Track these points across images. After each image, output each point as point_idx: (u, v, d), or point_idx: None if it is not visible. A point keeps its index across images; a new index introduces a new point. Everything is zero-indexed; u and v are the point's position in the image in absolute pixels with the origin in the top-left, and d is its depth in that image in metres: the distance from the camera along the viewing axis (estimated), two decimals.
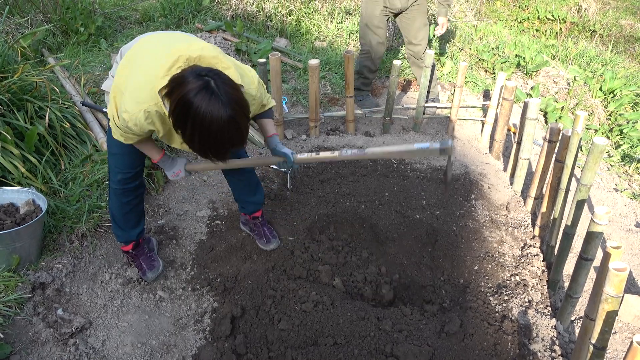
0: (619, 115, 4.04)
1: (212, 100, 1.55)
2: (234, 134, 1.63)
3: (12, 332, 2.04)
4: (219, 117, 1.56)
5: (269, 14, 5.18)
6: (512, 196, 3.10)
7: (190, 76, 1.59)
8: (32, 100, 2.84)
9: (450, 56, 4.74)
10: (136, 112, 1.73)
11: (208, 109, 1.55)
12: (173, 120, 1.64)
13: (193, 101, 1.55)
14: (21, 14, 4.59)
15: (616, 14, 7.54)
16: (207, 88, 1.56)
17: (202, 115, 1.56)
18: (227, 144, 1.64)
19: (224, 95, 1.58)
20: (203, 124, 1.57)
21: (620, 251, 1.82)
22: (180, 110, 1.59)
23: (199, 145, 1.65)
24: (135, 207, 2.28)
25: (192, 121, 1.58)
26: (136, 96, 1.73)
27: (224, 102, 1.57)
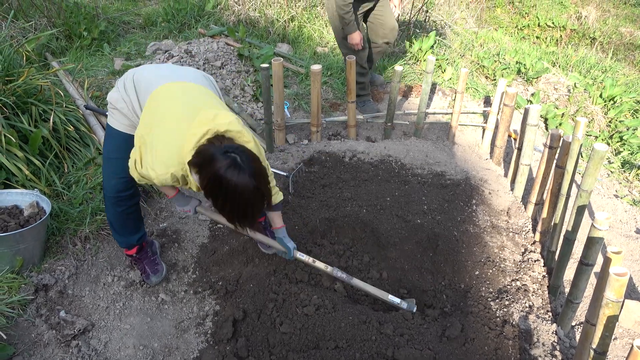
0: (619, 122, 4.06)
1: (240, 175, 1.76)
2: (259, 202, 1.85)
3: (15, 333, 2.05)
4: (248, 190, 1.78)
5: (271, 20, 5.22)
6: (512, 202, 3.11)
7: (219, 153, 1.78)
8: (37, 104, 2.87)
9: (451, 62, 4.77)
10: (164, 173, 1.89)
11: (238, 183, 1.76)
12: (205, 192, 1.84)
13: (224, 176, 1.75)
14: (26, 18, 4.62)
15: (616, 21, 7.58)
16: (235, 165, 1.76)
17: (232, 189, 1.77)
18: (253, 211, 1.87)
19: (249, 169, 1.78)
20: (234, 197, 1.79)
21: (620, 256, 1.83)
22: (212, 185, 1.79)
23: (229, 213, 1.86)
24: (131, 215, 2.30)
25: (224, 194, 1.79)
26: (165, 160, 1.88)
27: (250, 175, 1.78)
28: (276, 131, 3.57)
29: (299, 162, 3.36)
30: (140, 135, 1.95)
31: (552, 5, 7.89)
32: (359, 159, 3.44)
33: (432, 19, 5.56)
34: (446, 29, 5.46)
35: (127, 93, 2.04)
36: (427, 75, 3.62)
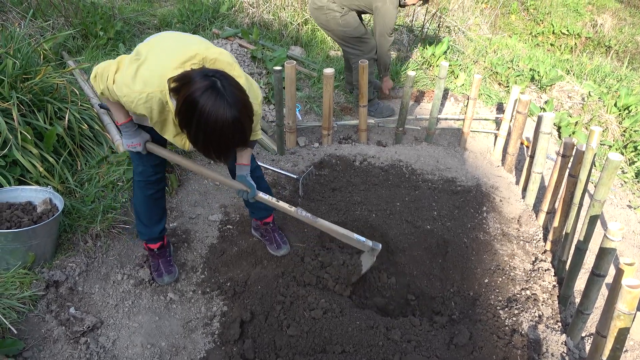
0: (634, 132, 4.01)
1: (217, 100, 1.59)
2: (238, 135, 1.66)
3: (26, 328, 2.07)
4: (224, 118, 1.59)
5: (285, 23, 5.24)
6: (524, 210, 3.09)
7: (198, 76, 1.62)
8: (52, 102, 2.90)
9: (464, 68, 4.75)
10: (139, 91, 1.75)
11: (213, 109, 1.58)
12: (179, 119, 1.66)
13: (199, 100, 1.58)
14: (44, 17, 4.68)
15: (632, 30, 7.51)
16: (213, 88, 1.59)
17: (207, 115, 1.59)
18: (230, 144, 1.68)
19: (230, 96, 1.61)
20: (208, 124, 1.60)
21: (633, 268, 1.81)
22: (186, 109, 1.62)
23: (203, 145, 1.67)
24: (157, 201, 2.35)
25: (197, 120, 1.60)
26: (145, 79, 1.76)
27: (229, 103, 1.60)
28: (287, 134, 3.58)
29: (309, 165, 3.36)
30: (127, 57, 1.88)
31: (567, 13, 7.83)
32: (369, 163, 3.44)
33: (446, 25, 5.54)
34: (460, 35, 5.44)
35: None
36: (439, 81, 3.61)
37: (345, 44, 3.89)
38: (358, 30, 3.77)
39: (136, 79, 1.77)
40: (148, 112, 1.81)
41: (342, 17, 3.68)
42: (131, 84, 1.77)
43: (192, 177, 3.22)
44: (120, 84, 1.81)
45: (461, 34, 5.45)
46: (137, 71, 1.78)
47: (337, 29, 3.77)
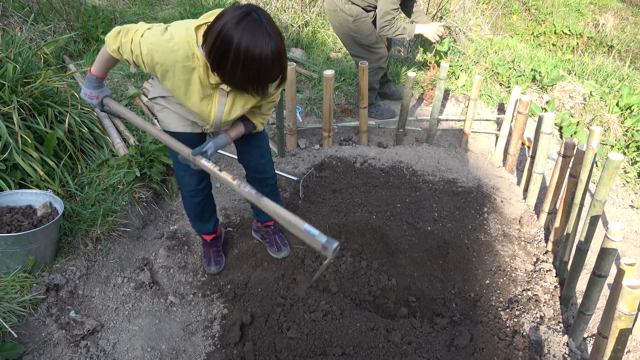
0: (636, 131, 3.99)
1: (256, 28, 1.51)
2: (278, 67, 1.59)
3: (26, 332, 2.07)
4: (265, 47, 1.51)
5: (285, 25, 5.25)
6: (525, 210, 3.07)
7: (230, 8, 1.54)
8: (53, 105, 2.91)
9: (465, 69, 4.74)
10: (166, 40, 1.66)
11: (252, 38, 1.50)
12: (212, 57, 1.58)
13: (234, 31, 1.50)
14: (45, 21, 4.71)
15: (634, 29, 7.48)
16: (249, 16, 1.51)
17: (246, 45, 1.50)
18: (270, 76, 1.60)
19: (268, 25, 1.53)
20: (247, 55, 1.51)
21: (634, 268, 1.80)
22: (221, 42, 1.52)
23: (241, 78, 1.59)
24: (206, 206, 2.42)
25: (236, 52, 1.51)
26: (172, 32, 1.69)
27: (268, 32, 1.52)
28: (288, 135, 3.58)
29: (309, 167, 3.36)
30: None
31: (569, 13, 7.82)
32: (370, 165, 3.44)
33: (447, 26, 5.53)
34: (460, 36, 5.43)
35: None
36: (440, 82, 3.60)
37: (353, 50, 3.83)
38: (368, 39, 3.70)
39: (165, 32, 1.71)
40: (171, 66, 1.70)
41: (354, 22, 3.61)
42: (159, 35, 1.69)
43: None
44: (148, 36, 1.71)
45: (462, 35, 5.44)
46: (167, 28, 1.73)
47: (348, 33, 3.72)
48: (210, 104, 1.85)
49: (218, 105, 1.86)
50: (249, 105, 1.93)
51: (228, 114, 1.91)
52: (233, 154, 3.34)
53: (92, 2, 5.64)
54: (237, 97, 1.86)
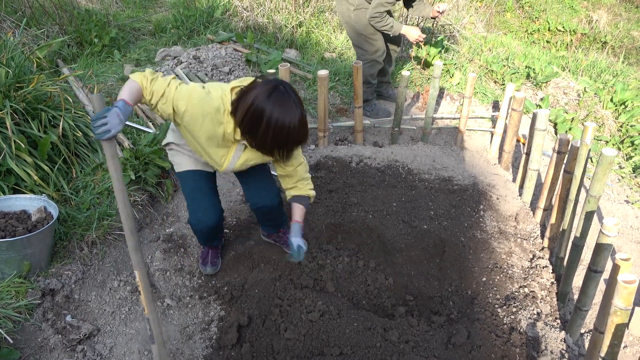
0: (631, 127, 4.00)
1: (284, 100, 1.74)
2: (302, 132, 1.82)
3: (22, 337, 2.06)
4: (292, 118, 1.75)
5: (279, 26, 5.24)
6: (521, 207, 3.08)
7: (261, 82, 1.78)
8: (46, 110, 2.90)
9: (459, 67, 4.75)
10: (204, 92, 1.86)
11: (282, 111, 1.73)
12: (245, 123, 1.79)
13: (266, 104, 1.73)
14: (38, 25, 4.69)
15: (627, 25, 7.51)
16: (277, 90, 1.74)
17: (276, 117, 1.72)
18: (296, 141, 1.83)
19: (294, 96, 1.77)
20: (277, 125, 1.74)
21: (629, 263, 1.80)
22: (254, 112, 1.75)
23: (270, 143, 1.81)
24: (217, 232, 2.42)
25: (267, 122, 1.74)
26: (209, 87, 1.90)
27: (295, 103, 1.75)
28: None
29: None
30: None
31: (562, 10, 7.84)
32: (365, 164, 3.44)
33: (440, 24, 5.54)
34: (455, 34, 5.44)
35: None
36: (434, 80, 3.60)
37: (354, 40, 3.92)
38: (367, 29, 3.74)
39: (203, 87, 1.92)
40: (202, 116, 1.87)
41: (354, 10, 3.67)
42: (198, 87, 1.90)
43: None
44: (187, 86, 1.90)
45: (456, 33, 5.45)
46: (203, 85, 1.94)
47: (349, 22, 3.80)
48: (227, 154, 2.06)
49: (233, 157, 2.08)
50: (266, 160, 2.15)
51: (241, 165, 2.13)
52: None
53: (85, 5, 5.63)
54: (253, 153, 2.06)
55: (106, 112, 1.65)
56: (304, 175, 2.25)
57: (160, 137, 3.08)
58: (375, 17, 3.60)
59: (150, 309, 1.76)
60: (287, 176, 2.23)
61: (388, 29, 3.66)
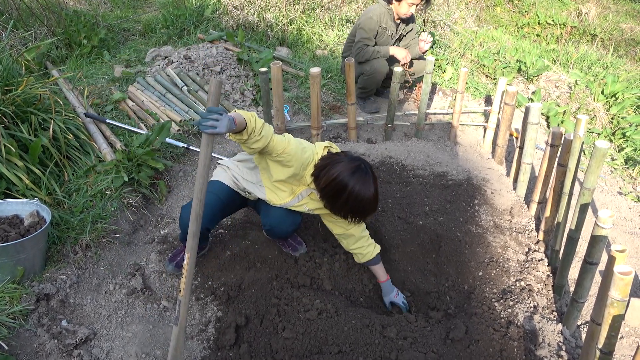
0: (622, 119, 4.03)
1: (365, 178, 2.00)
2: (376, 205, 2.09)
3: (17, 343, 2.04)
4: (369, 195, 2.01)
5: (270, 24, 5.22)
6: (515, 201, 3.09)
7: (346, 159, 2.04)
8: (36, 113, 2.87)
9: (451, 62, 4.75)
10: (300, 148, 2.11)
11: (362, 189, 1.99)
12: (326, 191, 2.05)
13: (351, 178, 1.99)
14: (25, 27, 4.64)
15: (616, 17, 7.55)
16: (360, 169, 2.01)
17: (356, 193, 1.99)
18: (370, 211, 2.10)
19: (372, 175, 2.04)
20: (357, 199, 2.01)
21: (624, 254, 1.81)
22: (336, 185, 2.01)
23: (346, 211, 2.07)
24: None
25: (347, 196, 2.00)
26: (303, 145, 2.16)
27: (373, 180, 2.03)
28: None
29: None
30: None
31: (552, 3, 7.87)
32: None
33: (431, 19, 5.54)
34: (445, 29, 5.44)
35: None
36: (426, 76, 3.60)
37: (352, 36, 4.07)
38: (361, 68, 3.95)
39: (301, 143, 2.16)
40: (295, 160, 2.09)
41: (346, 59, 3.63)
42: (298, 142, 2.16)
43: (181, 183, 3.20)
44: (290, 139, 2.12)
45: (447, 28, 5.45)
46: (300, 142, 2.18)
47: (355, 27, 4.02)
48: (292, 194, 2.25)
49: (295, 198, 2.26)
50: (315, 212, 2.33)
51: (297, 207, 2.30)
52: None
53: (73, 6, 5.57)
54: (310, 202, 2.28)
55: (222, 112, 1.75)
56: (363, 234, 2.36)
57: (153, 139, 3.06)
58: (358, 53, 3.89)
59: (186, 293, 1.83)
60: (346, 235, 2.36)
61: (376, 55, 3.89)
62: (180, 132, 3.52)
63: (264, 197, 2.30)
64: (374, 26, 3.84)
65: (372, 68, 3.90)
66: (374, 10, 3.87)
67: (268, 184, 2.27)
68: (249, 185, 2.34)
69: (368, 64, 3.91)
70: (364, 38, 3.87)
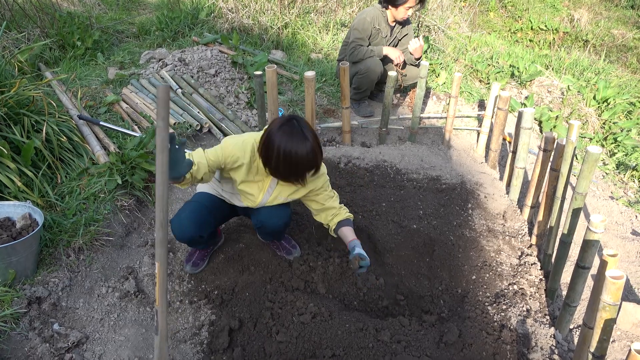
0: (613, 124, 4.07)
1: (292, 132, 1.95)
2: (313, 162, 2.01)
3: (8, 347, 2.02)
4: (301, 146, 1.94)
5: (265, 27, 5.23)
6: (508, 205, 3.11)
7: (277, 118, 2.04)
8: (29, 115, 2.85)
9: (445, 67, 4.78)
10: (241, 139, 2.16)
11: (290, 140, 1.94)
12: (262, 154, 2.03)
13: (276, 134, 1.95)
14: (18, 29, 4.61)
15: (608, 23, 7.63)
16: (288, 122, 1.97)
17: (284, 146, 1.94)
18: (306, 167, 2.02)
19: (305, 129, 1.97)
20: (285, 153, 1.94)
21: (616, 259, 1.82)
22: (267, 144, 1.98)
23: (283, 172, 2.03)
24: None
25: (277, 151, 1.95)
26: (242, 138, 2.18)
27: (304, 134, 1.96)
28: None
29: None
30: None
31: (544, 9, 7.94)
32: (354, 165, 3.44)
33: (425, 24, 5.58)
34: (439, 34, 5.48)
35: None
36: (421, 80, 3.62)
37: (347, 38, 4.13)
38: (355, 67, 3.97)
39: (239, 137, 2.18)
40: (242, 156, 2.13)
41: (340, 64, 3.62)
42: (235, 137, 2.19)
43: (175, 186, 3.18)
44: (226, 140, 2.17)
45: (441, 33, 5.49)
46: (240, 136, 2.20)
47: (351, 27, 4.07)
48: (262, 190, 2.26)
49: (266, 192, 2.27)
50: (295, 197, 2.32)
51: (273, 199, 2.30)
52: None
53: (67, 8, 5.55)
54: (284, 189, 2.27)
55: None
56: (338, 206, 2.41)
57: (147, 141, 3.05)
58: (352, 52, 3.94)
59: (162, 302, 1.77)
60: (323, 210, 2.39)
61: (370, 54, 3.92)
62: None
63: (241, 203, 2.36)
64: (367, 27, 3.88)
65: (366, 67, 3.92)
66: (367, 12, 3.92)
67: (239, 189, 2.29)
68: (228, 195, 2.40)
69: (362, 63, 3.94)
70: (357, 38, 3.92)
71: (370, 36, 3.94)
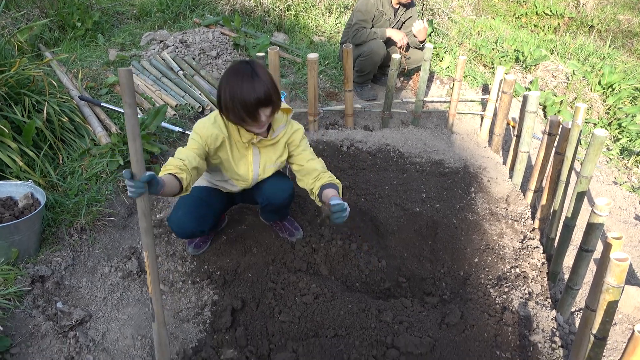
0: (618, 109, 4.04)
1: (240, 71, 1.89)
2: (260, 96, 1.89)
3: (12, 325, 2.03)
4: (247, 85, 1.86)
5: (267, 9, 5.16)
6: (511, 189, 3.10)
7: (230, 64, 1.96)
8: (30, 94, 2.83)
9: (449, 50, 4.73)
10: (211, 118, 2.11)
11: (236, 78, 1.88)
12: (217, 103, 1.96)
13: (224, 77, 1.91)
14: (17, 8, 4.56)
15: (614, 9, 7.54)
16: (239, 63, 1.93)
17: (230, 87, 1.87)
18: (259, 105, 1.90)
19: (255, 67, 1.91)
20: (231, 93, 1.87)
21: (621, 241, 1.82)
22: (218, 88, 1.93)
23: (238, 114, 1.92)
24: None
25: (224, 93, 1.89)
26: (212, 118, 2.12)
27: (254, 72, 1.89)
28: None
29: None
30: None
31: None
32: (356, 148, 3.42)
33: (430, 7, 5.51)
34: (443, 17, 5.41)
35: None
36: (424, 63, 3.59)
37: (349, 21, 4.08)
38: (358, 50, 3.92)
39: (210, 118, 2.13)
40: (218, 129, 2.07)
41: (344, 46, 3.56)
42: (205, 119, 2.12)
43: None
44: (196, 125, 2.10)
45: (445, 17, 5.43)
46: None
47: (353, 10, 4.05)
48: (247, 164, 2.21)
49: (254, 165, 2.23)
50: (282, 159, 2.26)
51: (263, 171, 2.26)
52: None
53: None
54: (268, 155, 2.22)
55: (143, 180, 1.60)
56: (323, 169, 2.25)
57: (148, 122, 3.03)
58: (355, 35, 3.89)
59: (154, 289, 1.75)
60: (306, 173, 2.25)
61: (373, 36, 3.87)
62: (175, 117, 3.49)
63: (237, 187, 2.32)
64: (370, 8, 3.83)
65: (369, 49, 3.87)
66: None
67: (228, 175, 2.25)
68: (221, 183, 2.36)
69: (365, 45, 3.89)
70: (360, 20, 3.87)
71: (373, 18, 3.89)
